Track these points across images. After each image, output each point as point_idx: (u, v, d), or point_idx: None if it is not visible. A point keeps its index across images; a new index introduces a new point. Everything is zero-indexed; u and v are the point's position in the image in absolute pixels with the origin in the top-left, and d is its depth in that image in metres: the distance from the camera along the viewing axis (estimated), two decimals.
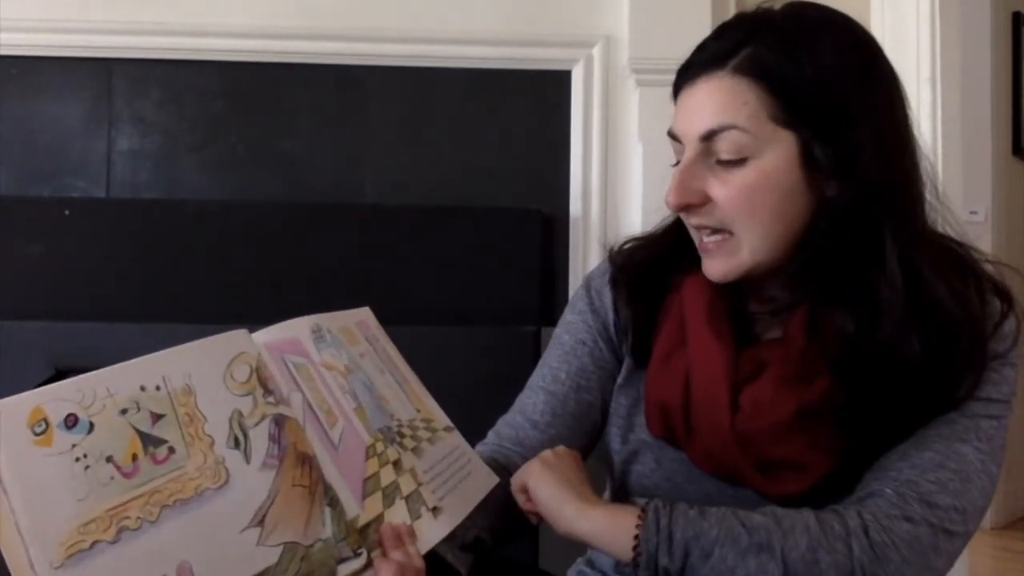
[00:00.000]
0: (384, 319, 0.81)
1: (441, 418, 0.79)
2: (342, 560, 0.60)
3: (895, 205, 0.76)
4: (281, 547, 0.56)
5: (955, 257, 0.80)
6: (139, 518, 0.50)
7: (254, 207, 1.77)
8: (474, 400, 1.03)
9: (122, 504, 0.50)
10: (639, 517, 0.73)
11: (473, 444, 0.83)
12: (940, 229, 0.82)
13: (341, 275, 1.72)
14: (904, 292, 0.74)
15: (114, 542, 0.49)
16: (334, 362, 0.70)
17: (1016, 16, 2.79)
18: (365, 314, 0.80)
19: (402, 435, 0.72)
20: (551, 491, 0.76)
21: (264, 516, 0.56)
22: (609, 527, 0.74)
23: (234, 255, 1.72)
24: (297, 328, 0.69)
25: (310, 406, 0.65)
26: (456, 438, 0.78)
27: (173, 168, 1.83)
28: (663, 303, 0.87)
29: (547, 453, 0.80)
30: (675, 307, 0.85)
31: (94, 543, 0.48)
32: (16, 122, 1.81)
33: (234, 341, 0.62)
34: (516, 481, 0.80)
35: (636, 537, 0.72)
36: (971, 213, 2.37)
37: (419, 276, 1.73)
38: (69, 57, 1.80)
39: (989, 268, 0.81)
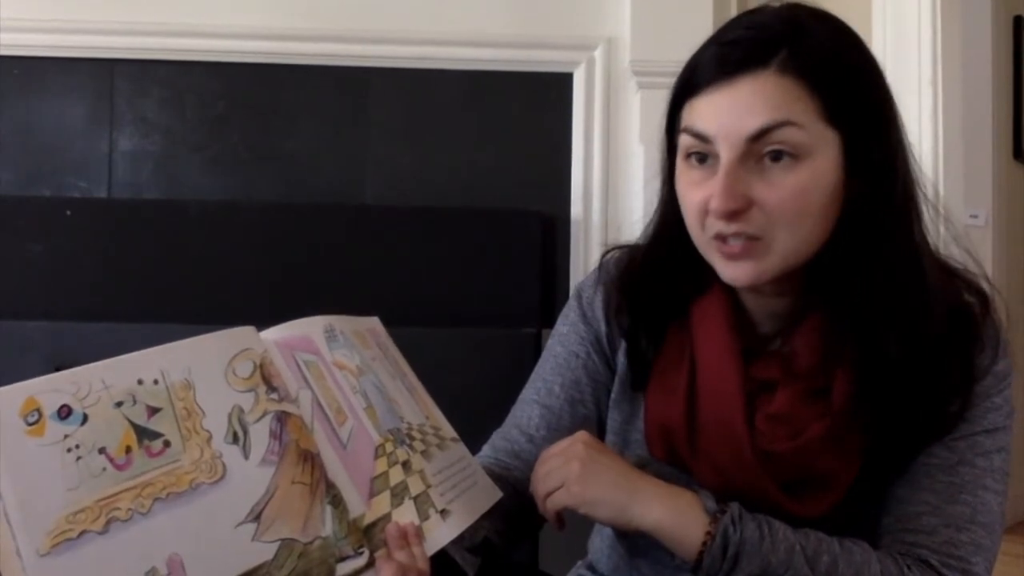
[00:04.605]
0: (385, 321, 0.81)
1: (448, 429, 0.78)
2: (342, 559, 0.60)
3: (916, 201, 0.77)
4: (278, 543, 0.56)
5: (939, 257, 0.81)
6: (130, 509, 0.51)
7: (255, 208, 1.77)
8: (475, 402, 1.03)
9: (113, 495, 0.50)
10: (707, 532, 0.72)
11: (471, 446, 0.82)
12: (941, 232, 0.82)
13: (342, 276, 1.72)
14: (938, 287, 0.75)
15: (103, 532, 0.49)
16: (346, 362, 0.70)
17: (1017, 20, 2.78)
18: (375, 323, 0.80)
19: (412, 437, 0.72)
20: (606, 490, 0.74)
21: (261, 512, 0.56)
22: (676, 528, 0.73)
23: (235, 255, 1.72)
24: (310, 326, 0.70)
25: (319, 404, 0.65)
26: (462, 450, 0.78)
27: (174, 168, 1.83)
28: (664, 328, 0.84)
29: (577, 447, 0.75)
30: (675, 331, 0.83)
31: (82, 532, 0.49)
32: (18, 122, 1.81)
33: (239, 337, 0.62)
34: (543, 486, 0.76)
35: (700, 553, 0.72)
36: (971, 217, 2.37)
37: (420, 277, 1.73)
38: (71, 58, 1.81)
39: (960, 268, 0.81)
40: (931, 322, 0.74)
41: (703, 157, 0.75)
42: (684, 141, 0.76)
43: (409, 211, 1.78)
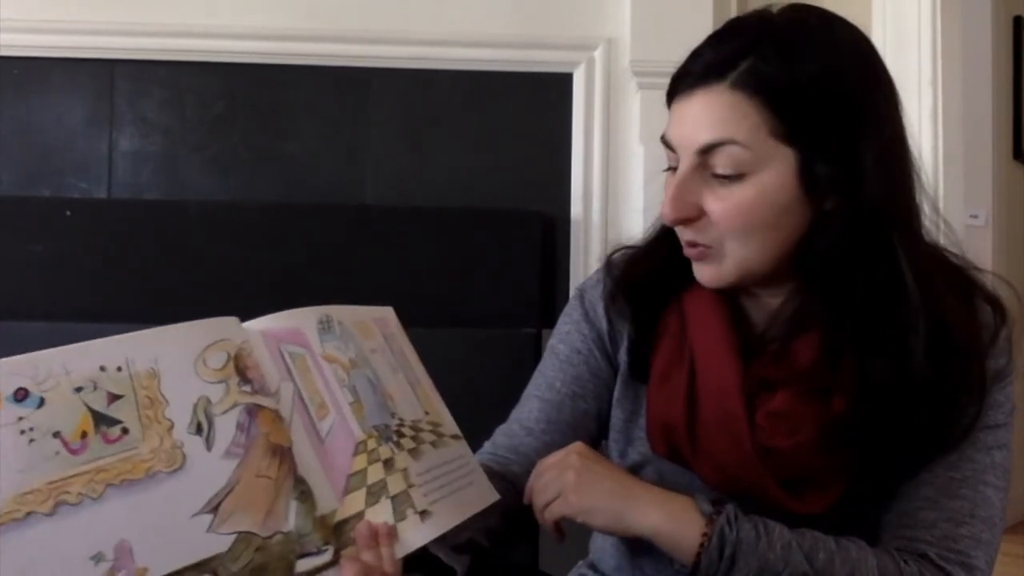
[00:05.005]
0: None
1: (450, 425, 0.78)
2: (304, 555, 0.60)
3: (897, 218, 0.75)
4: (234, 536, 0.56)
5: (951, 267, 0.79)
6: (80, 494, 0.51)
7: (255, 208, 1.77)
8: (475, 402, 1.03)
9: (65, 479, 0.51)
10: (703, 534, 0.72)
11: (471, 446, 0.82)
12: (941, 240, 0.82)
13: (342, 276, 1.72)
14: (923, 312, 0.73)
15: (50, 515, 0.50)
16: (337, 355, 0.70)
17: (1017, 20, 2.79)
18: (386, 312, 0.80)
19: (401, 434, 0.71)
20: (601, 498, 0.74)
21: (220, 504, 0.56)
22: (672, 532, 0.73)
23: (235, 256, 1.72)
24: (302, 317, 0.69)
25: (300, 397, 0.65)
26: (462, 448, 0.77)
27: (175, 169, 1.83)
28: (660, 319, 0.85)
29: (572, 458, 0.76)
30: (674, 322, 0.84)
31: (29, 514, 0.49)
32: (18, 122, 1.81)
33: (217, 327, 0.62)
34: (541, 497, 0.76)
35: (698, 555, 0.72)
36: (971, 217, 2.37)
37: (420, 278, 1.73)
38: (71, 58, 1.80)
39: (978, 276, 0.80)
40: (918, 340, 0.73)
41: (677, 165, 0.77)
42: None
43: (409, 211, 1.78)
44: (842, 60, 0.74)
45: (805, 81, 0.72)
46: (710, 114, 0.73)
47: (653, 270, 0.86)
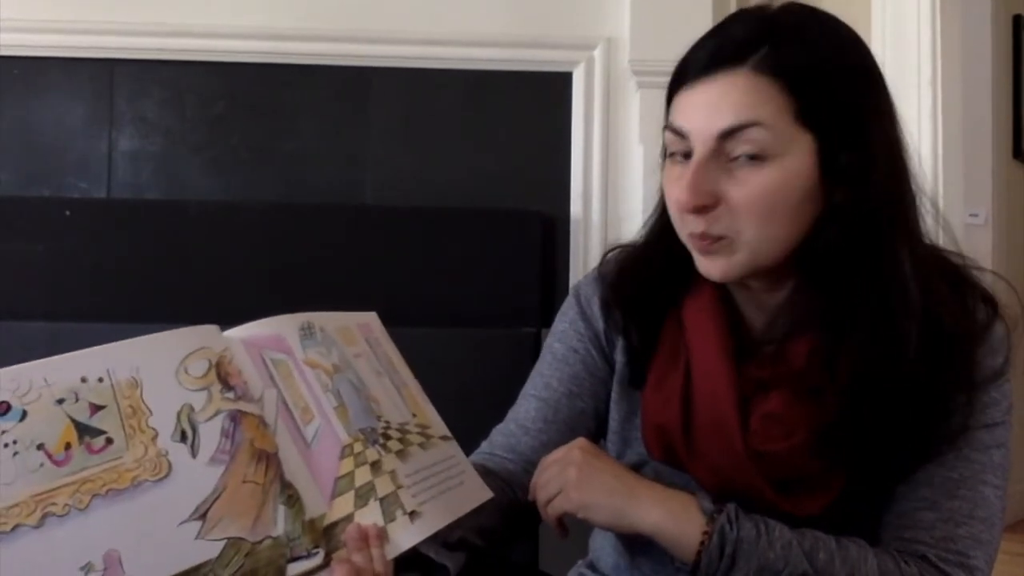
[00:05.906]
0: (385, 321, 0.81)
1: (438, 426, 0.78)
2: (294, 559, 0.60)
3: (902, 212, 0.75)
4: (224, 542, 0.57)
5: (950, 268, 0.79)
6: (67, 505, 0.52)
7: (255, 208, 1.77)
8: (474, 402, 1.03)
9: (50, 491, 0.51)
10: (704, 532, 0.72)
11: (472, 446, 0.82)
12: (938, 238, 0.82)
13: (342, 276, 1.72)
14: (919, 309, 0.73)
15: (37, 527, 0.50)
16: (320, 360, 0.70)
17: (1016, 19, 2.79)
18: (370, 318, 0.80)
19: (388, 437, 0.71)
20: (602, 495, 0.74)
21: (207, 510, 0.57)
22: (673, 530, 0.73)
23: (235, 256, 1.72)
24: (284, 324, 0.70)
25: (284, 403, 0.65)
26: (452, 448, 0.77)
27: (175, 169, 1.83)
28: (657, 324, 0.85)
29: (575, 454, 0.76)
30: (671, 328, 0.84)
31: (16, 527, 0.50)
32: (17, 122, 1.81)
33: (197, 336, 0.62)
34: (543, 493, 0.77)
35: (699, 553, 0.72)
36: (971, 215, 2.38)
37: (420, 278, 1.73)
38: (71, 58, 1.80)
39: (978, 275, 0.80)
40: (912, 340, 0.73)
41: (686, 154, 0.76)
42: (667, 137, 0.78)
43: (409, 211, 1.78)
44: (850, 50, 0.75)
45: (823, 66, 0.73)
46: (733, 98, 0.72)
47: (650, 276, 0.86)
